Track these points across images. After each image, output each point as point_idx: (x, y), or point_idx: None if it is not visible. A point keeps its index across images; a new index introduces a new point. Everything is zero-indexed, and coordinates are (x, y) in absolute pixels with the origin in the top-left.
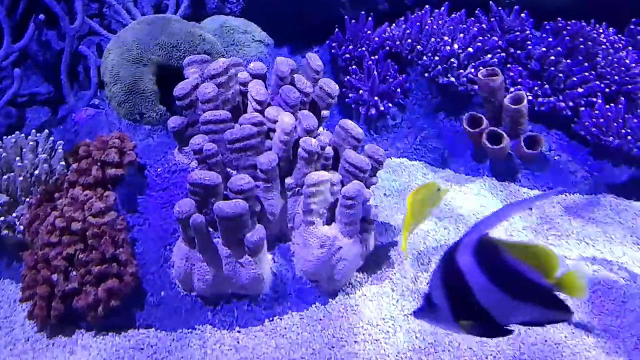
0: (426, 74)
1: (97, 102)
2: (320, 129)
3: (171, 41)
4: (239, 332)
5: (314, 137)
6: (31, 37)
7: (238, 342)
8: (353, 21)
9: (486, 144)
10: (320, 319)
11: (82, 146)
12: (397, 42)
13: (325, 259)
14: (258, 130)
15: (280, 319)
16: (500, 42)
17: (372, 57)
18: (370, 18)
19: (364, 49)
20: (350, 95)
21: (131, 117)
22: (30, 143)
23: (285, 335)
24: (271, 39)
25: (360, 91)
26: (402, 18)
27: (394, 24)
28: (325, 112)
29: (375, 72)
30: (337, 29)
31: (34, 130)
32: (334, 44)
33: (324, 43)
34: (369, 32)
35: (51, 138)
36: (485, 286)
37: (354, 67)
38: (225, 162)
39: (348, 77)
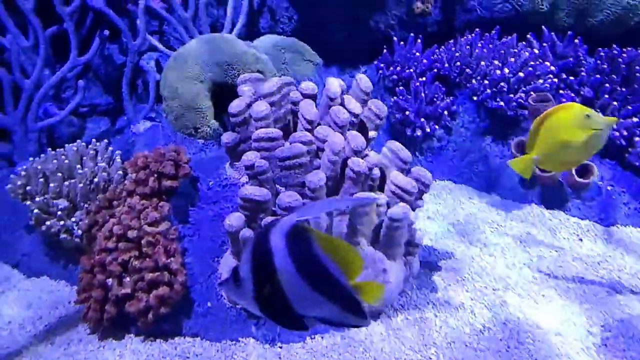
0: (474, 97)
1: (153, 115)
2: (368, 149)
3: (227, 60)
4: (280, 347)
5: (362, 158)
6: (96, 52)
7: (279, 358)
8: (402, 43)
9: (535, 171)
10: (362, 341)
11: (141, 157)
12: (446, 65)
13: (369, 280)
14: (308, 149)
15: (322, 338)
16: (552, 68)
17: (420, 79)
18: (419, 40)
19: (411, 70)
20: (396, 115)
21: (186, 131)
22: (91, 152)
23: (327, 355)
24: (320, 58)
25: (407, 112)
26: (452, 41)
27: (442, 47)
28: (372, 133)
29: (423, 94)
30: (385, 50)
31: (94, 140)
32: (381, 65)
33: (371, 63)
34: (417, 54)
35: (110, 148)
36: (290, 271)
37: (401, 88)
38: (275, 179)
39: (395, 97)
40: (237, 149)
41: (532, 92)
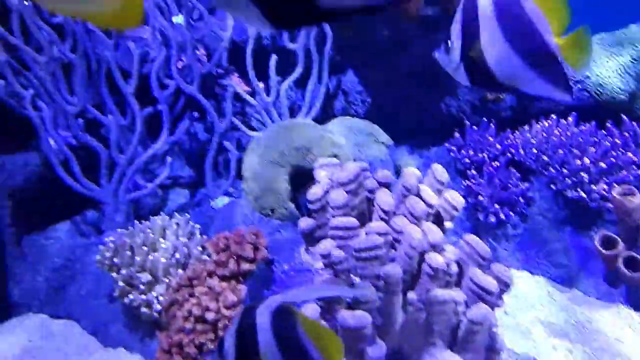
0: (552, 186)
1: (231, 190)
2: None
3: (305, 145)
4: None
5: (439, 252)
6: (185, 131)
7: None
8: (474, 126)
9: (623, 270)
10: None
11: (222, 239)
12: (521, 151)
13: None
14: (384, 241)
15: None
16: (635, 159)
17: (493, 163)
18: (492, 125)
19: (484, 155)
20: (468, 199)
21: (264, 211)
22: (173, 225)
23: None
24: (391, 140)
25: (480, 197)
26: (526, 127)
27: (517, 132)
28: (448, 224)
29: (497, 179)
30: (456, 132)
31: (176, 213)
32: (452, 147)
33: (441, 144)
34: (490, 138)
35: (191, 223)
36: (272, 349)
37: (473, 172)
38: (350, 269)
39: (466, 181)
40: (313, 235)
41: (615, 184)
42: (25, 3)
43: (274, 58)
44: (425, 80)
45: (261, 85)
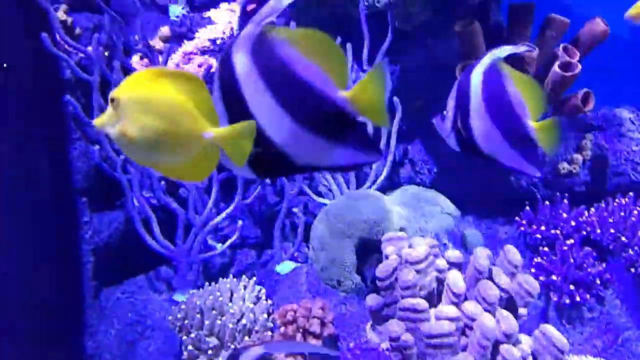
0: (632, 269)
1: (296, 255)
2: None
3: (373, 217)
4: None
5: (514, 343)
6: (256, 196)
7: None
8: (547, 202)
9: None
10: None
11: (289, 311)
12: (598, 230)
13: None
14: (455, 327)
15: None
16: None
17: (567, 241)
18: (565, 200)
19: (557, 232)
20: (540, 278)
21: (330, 282)
22: (240, 287)
23: None
24: (458, 210)
25: (553, 276)
26: (602, 204)
27: (592, 209)
28: (522, 311)
29: (571, 258)
30: (527, 207)
31: (244, 276)
32: (523, 222)
33: (510, 216)
34: (564, 214)
35: (257, 287)
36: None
37: (545, 249)
38: (419, 354)
39: (538, 258)
40: (380, 312)
41: None
42: None
43: None
44: None
45: None
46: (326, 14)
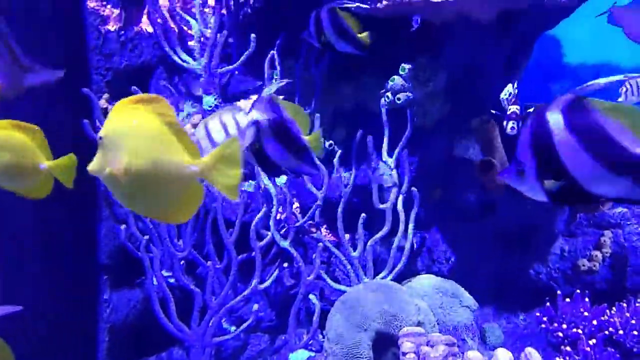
0: None
1: (310, 342)
2: None
3: (391, 310)
4: None
5: None
6: (273, 280)
7: None
8: (567, 299)
9: None
10: None
11: None
12: (620, 332)
13: None
14: None
15: None
16: None
17: (589, 342)
18: (586, 298)
19: (579, 331)
20: None
21: None
22: None
23: None
24: (477, 303)
25: None
26: (624, 303)
27: (614, 308)
28: None
29: None
30: (547, 302)
31: None
32: (544, 318)
33: (530, 311)
34: (585, 313)
35: None
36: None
37: (567, 348)
38: None
39: (560, 358)
40: None
41: None
42: None
43: (362, 217)
44: (513, 244)
45: (347, 236)
46: (349, 108)
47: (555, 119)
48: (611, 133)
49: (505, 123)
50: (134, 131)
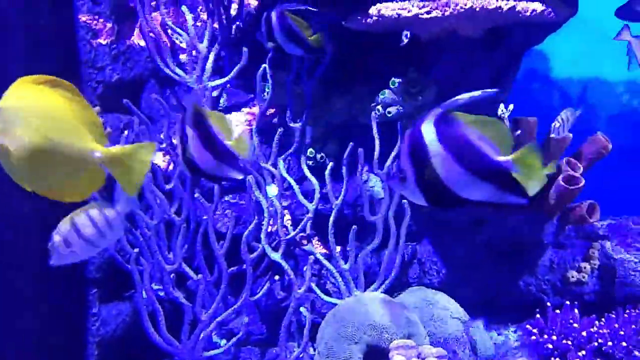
0: None
1: (301, 355)
2: None
3: (382, 323)
4: None
5: None
6: (264, 293)
7: None
8: (557, 311)
9: None
10: None
11: None
12: (609, 343)
13: None
14: None
15: None
16: None
17: (579, 353)
18: (576, 310)
19: (569, 342)
20: None
21: None
22: None
23: None
24: (467, 315)
25: None
26: (613, 314)
27: (602, 319)
28: None
29: None
30: (537, 314)
31: None
32: (534, 330)
33: (520, 322)
34: (575, 325)
35: None
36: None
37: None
38: None
39: None
40: None
41: None
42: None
43: (353, 229)
44: (503, 256)
45: (338, 249)
46: (340, 122)
47: (428, 131)
48: (474, 143)
49: None
50: (35, 109)
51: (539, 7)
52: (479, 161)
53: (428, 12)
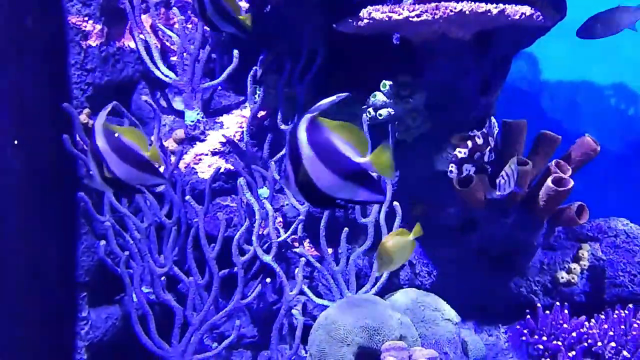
0: None
1: (293, 358)
2: None
3: (374, 325)
4: None
5: None
6: (255, 294)
7: None
8: (547, 312)
9: None
10: None
11: None
12: (599, 344)
13: None
14: None
15: None
16: None
17: (569, 354)
18: (565, 310)
19: (559, 343)
20: None
21: None
22: None
23: None
24: (458, 316)
25: None
26: (602, 315)
27: (592, 319)
28: None
29: None
30: (528, 315)
31: None
32: (524, 331)
33: (511, 323)
34: (565, 325)
35: None
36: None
37: None
38: None
39: None
40: None
41: None
42: None
43: (345, 231)
44: (494, 259)
45: (330, 251)
46: None
47: (301, 135)
48: (337, 146)
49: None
50: None
51: (528, 10)
52: (341, 162)
53: (418, 15)
